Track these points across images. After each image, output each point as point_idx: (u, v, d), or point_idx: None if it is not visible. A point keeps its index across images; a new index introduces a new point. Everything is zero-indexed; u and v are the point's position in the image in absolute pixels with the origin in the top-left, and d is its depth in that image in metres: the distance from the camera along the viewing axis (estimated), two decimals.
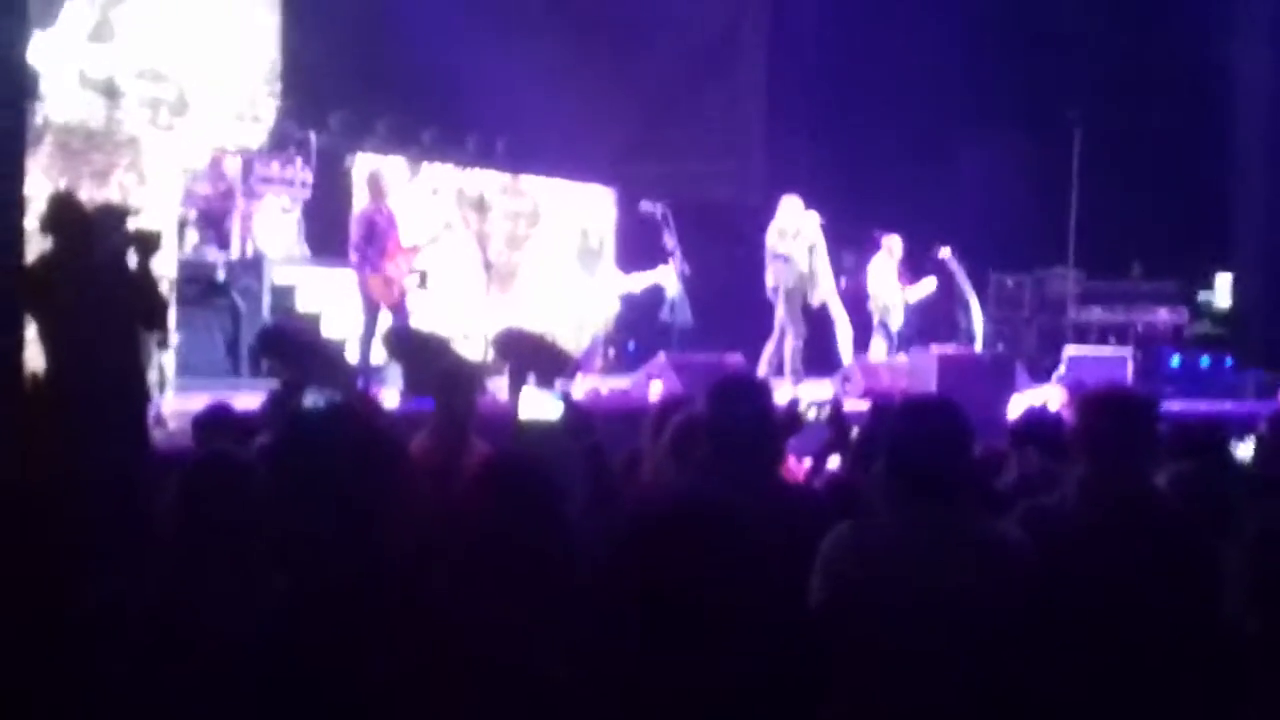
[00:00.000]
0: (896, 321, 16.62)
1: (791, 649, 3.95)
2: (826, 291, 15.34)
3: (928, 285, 16.68)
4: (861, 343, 16.47)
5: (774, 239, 14.92)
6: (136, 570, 4.16)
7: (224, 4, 17.03)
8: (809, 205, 15.16)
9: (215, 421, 6.99)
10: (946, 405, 4.44)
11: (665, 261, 14.83)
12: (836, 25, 22.43)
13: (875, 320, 16.62)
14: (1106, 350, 17.97)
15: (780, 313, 14.92)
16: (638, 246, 14.64)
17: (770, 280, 14.94)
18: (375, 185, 13.47)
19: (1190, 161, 20.66)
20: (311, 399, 5.49)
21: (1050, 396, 12.12)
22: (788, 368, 14.87)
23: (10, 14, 5.67)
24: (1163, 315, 20.05)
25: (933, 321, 17.16)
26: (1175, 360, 18.65)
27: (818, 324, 15.48)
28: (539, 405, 5.30)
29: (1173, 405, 14.19)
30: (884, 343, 16.34)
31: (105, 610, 3.98)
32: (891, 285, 16.61)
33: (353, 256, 13.11)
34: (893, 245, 16.66)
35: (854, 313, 16.56)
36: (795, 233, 14.94)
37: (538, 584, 3.51)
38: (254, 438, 6.32)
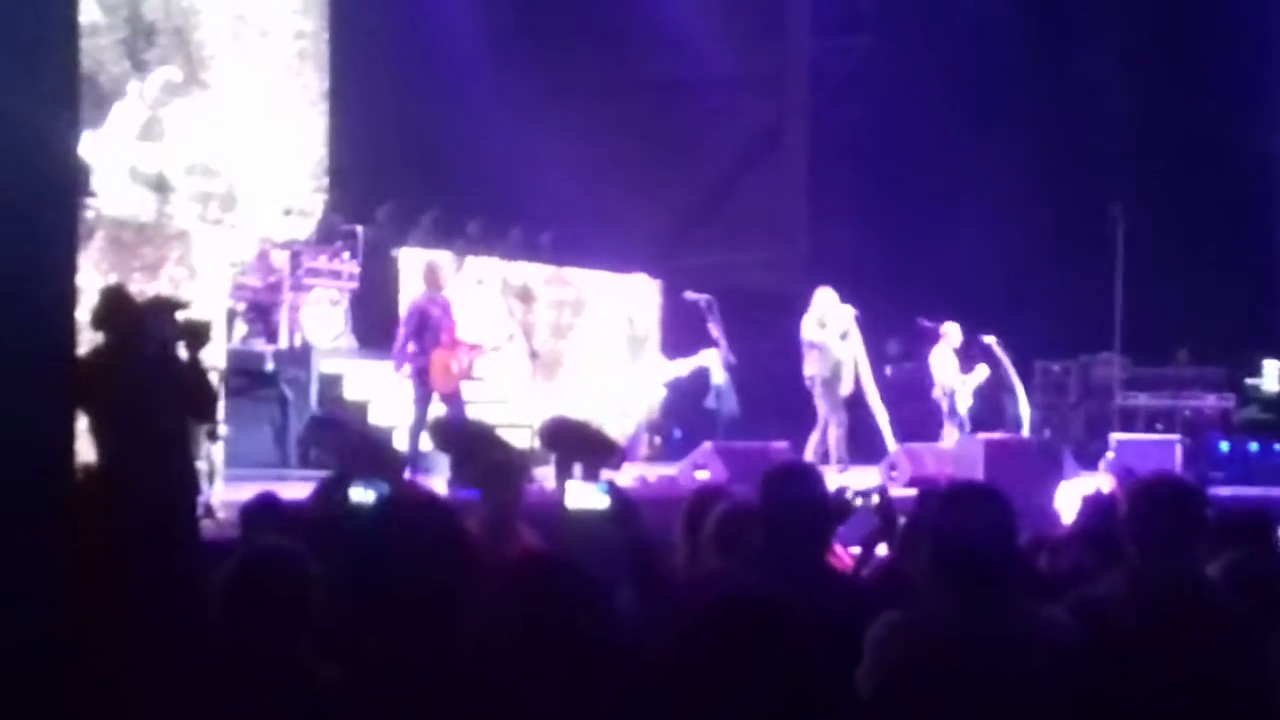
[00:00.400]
0: (964, 406, 16.60)
1: None
2: (864, 380, 15.38)
3: (981, 373, 16.67)
4: (931, 432, 16.48)
5: (809, 329, 15.03)
6: (188, 662, 4.17)
7: (271, 101, 17.27)
8: (852, 294, 15.27)
9: (263, 512, 7.00)
10: (990, 492, 4.43)
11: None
12: (877, 117, 22.58)
13: (944, 408, 16.61)
14: (1154, 437, 17.88)
15: (820, 402, 14.97)
16: (683, 336, 14.70)
17: (808, 370, 15.04)
18: (432, 276, 13.57)
19: (1235, 247, 20.63)
20: (360, 489, 5.50)
21: (1100, 484, 12.08)
22: (833, 456, 14.87)
23: (62, 111, 5.76)
24: (1210, 401, 19.97)
25: (979, 409, 17.12)
26: (1224, 446, 18.53)
27: (864, 412, 15.48)
28: (585, 495, 5.30)
29: (1222, 491, 14.11)
30: (955, 429, 16.30)
31: (158, 702, 4.00)
32: (954, 371, 16.62)
33: (407, 346, 13.18)
34: (951, 332, 16.66)
35: (915, 401, 16.56)
36: (827, 323, 15.03)
37: (582, 676, 3.51)
38: (302, 527, 6.34)
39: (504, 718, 3.40)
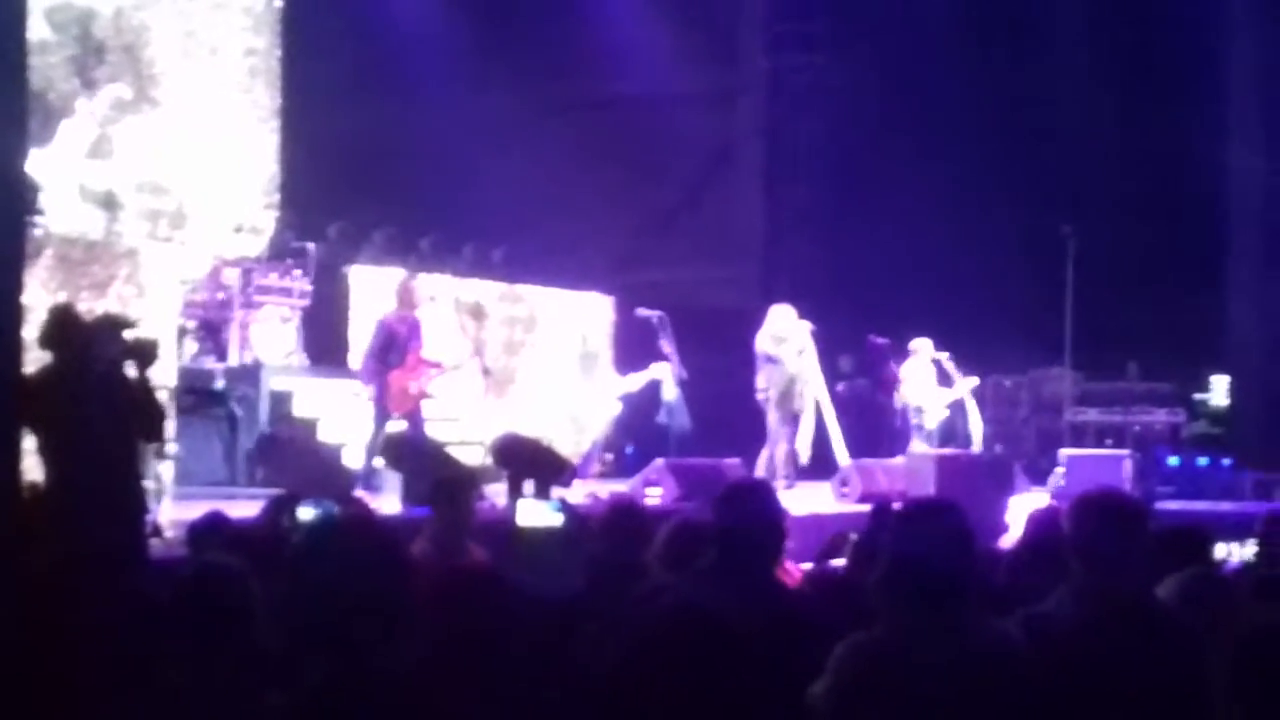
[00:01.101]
0: (932, 422, 16.67)
1: None
2: (818, 395, 15.41)
3: (960, 389, 16.76)
4: (882, 448, 16.56)
5: (764, 343, 15.05)
6: (135, 681, 4.16)
7: (222, 118, 17.20)
8: (805, 310, 15.28)
9: (211, 531, 6.98)
10: (948, 509, 4.42)
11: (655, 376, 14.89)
12: (832, 134, 22.65)
13: (913, 422, 16.70)
14: (1104, 451, 17.97)
15: (772, 418, 14.98)
16: (635, 353, 14.71)
17: (760, 386, 15.04)
18: (406, 294, 13.49)
19: (1185, 263, 20.77)
20: (308, 507, 5.50)
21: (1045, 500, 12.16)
22: (779, 472, 14.89)
23: (10, 128, 5.74)
24: (1160, 416, 20.10)
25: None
26: (1173, 461, 18.65)
27: (818, 430, 15.51)
28: (537, 513, 5.31)
29: (1170, 506, 14.20)
30: (924, 444, 16.36)
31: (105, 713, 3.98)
32: (926, 387, 16.67)
33: (366, 363, 13.16)
34: (922, 348, 16.73)
35: (866, 417, 16.62)
36: (783, 338, 15.06)
37: (522, 691, 3.52)
38: (250, 546, 6.32)
39: None
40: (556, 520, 5.37)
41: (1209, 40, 20.52)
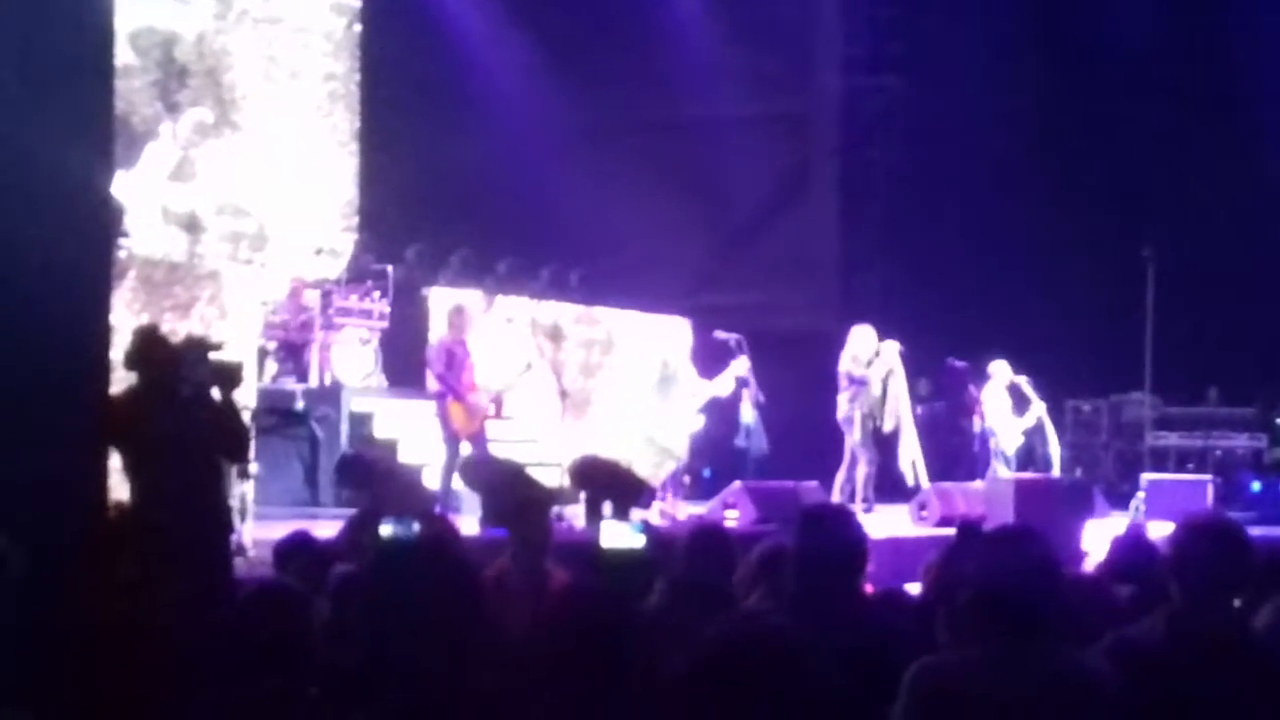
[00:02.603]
0: (1010, 445, 16.57)
1: None
2: (904, 419, 15.32)
3: (1033, 415, 16.65)
4: (960, 472, 16.49)
5: (848, 364, 14.96)
6: (221, 696, 4.19)
7: (302, 142, 17.39)
8: (882, 333, 15.22)
9: (296, 550, 7.04)
10: (1032, 536, 4.36)
11: (740, 392, 14.86)
12: (907, 157, 22.59)
13: (991, 446, 16.60)
14: (1186, 476, 17.81)
15: (852, 439, 14.91)
16: (712, 375, 14.69)
17: (843, 407, 14.95)
18: (458, 319, 13.58)
19: (1266, 285, 20.56)
20: (390, 526, 5.52)
21: (1131, 523, 12.03)
22: (859, 495, 14.82)
23: (97, 152, 5.82)
24: (1241, 440, 19.90)
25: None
26: (1256, 486, 18.46)
27: (892, 452, 15.46)
28: (620, 534, 5.31)
29: (1254, 531, 14.03)
30: (1003, 468, 16.26)
31: None
32: (1004, 411, 16.58)
33: (435, 385, 13.25)
34: (999, 371, 16.62)
35: (945, 440, 16.55)
36: (870, 359, 14.98)
37: (616, 707, 3.51)
38: (333, 565, 6.36)
39: None
40: (639, 542, 5.37)
41: None
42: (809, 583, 4.85)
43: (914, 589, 6.63)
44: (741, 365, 14.40)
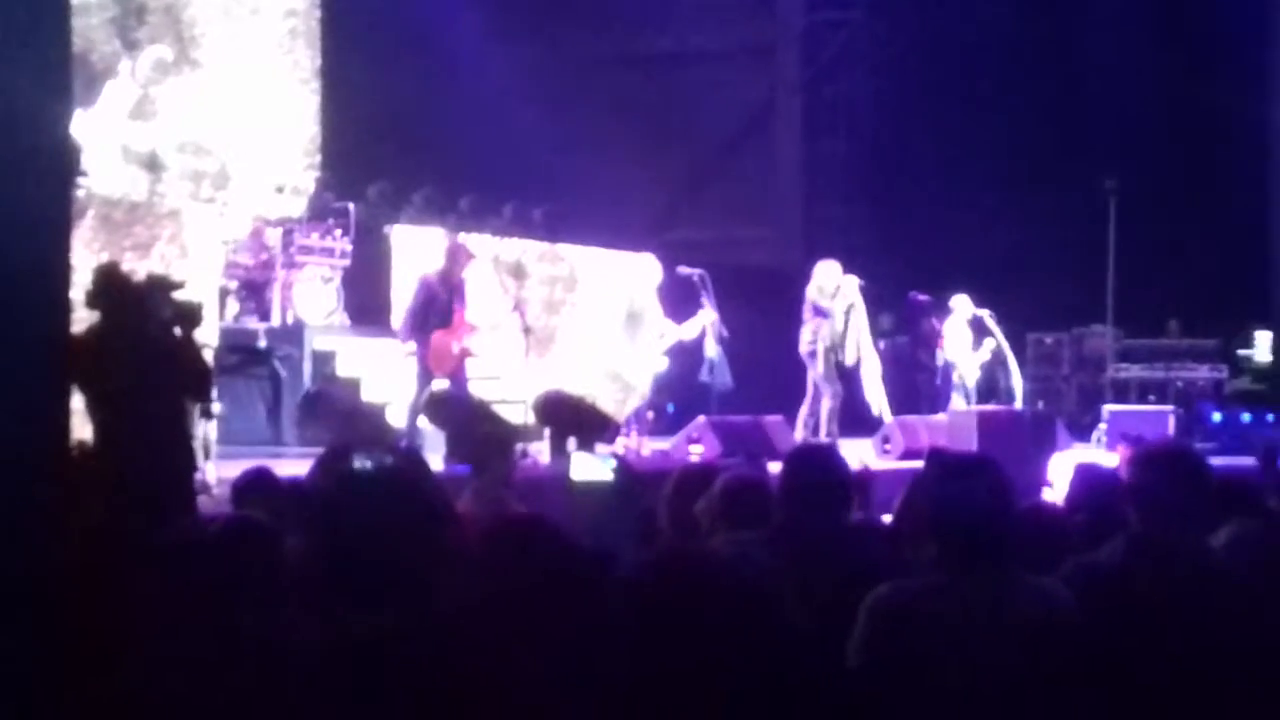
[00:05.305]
0: (972, 379, 16.63)
1: (827, 712, 3.95)
2: (865, 352, 15.33)
3: (988, 348, 16.70)
4: (923, 405, 16.54)
5: (814, 295, 14.94)
6: (181, 635, 4.21)
7: (263, 79, 17.26)
8: (845, 268, 15.21)
9: (255, 487, 7.02)
10: (985, 463, 4.43)
11: (704, 328, 14.86)
12: (870, 91, 22.57)
13: (954, 379, 16.66)
14: (1147, 408, 17.92)
15: (815, 373, 14.90)
16: (676, 311, 14.67)
17: (805, 339, 14.93)
18: (455, 255, 13.30)
19: (1228, 219, 20.65)
20: (359, 462, 5.51)
21: (1099, 455, 12.10)
22: (823, 429, 14.84)
23: (55, 90, 5.77)
24: (1202, 372, 20.02)
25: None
26: (1216, 416, 18.58)
27: (855, 385, 15.48)
28: (590, 468, 5.33)
29: (1215, 461, 14.14)
30: (963, 401, 16.32)
31: (153, 671, 4.03)
32: (965, 344, 16.62)
33: (406, 321, 13.07)
34: (960, 305, 16.64)
35: (907, 374, 16.59)
36: (834, 293, 14.97)
37: (567, 634, 3.56)
38: (296, 501, 6.35)
39: (482, 678, 3.45)
40: (610, 475, 5.39)
41: None
42: (793, 516, 4.96)
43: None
44: (709, 315, 14.38)
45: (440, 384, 12.88)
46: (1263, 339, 21.40)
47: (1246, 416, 18.67)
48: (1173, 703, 4.26)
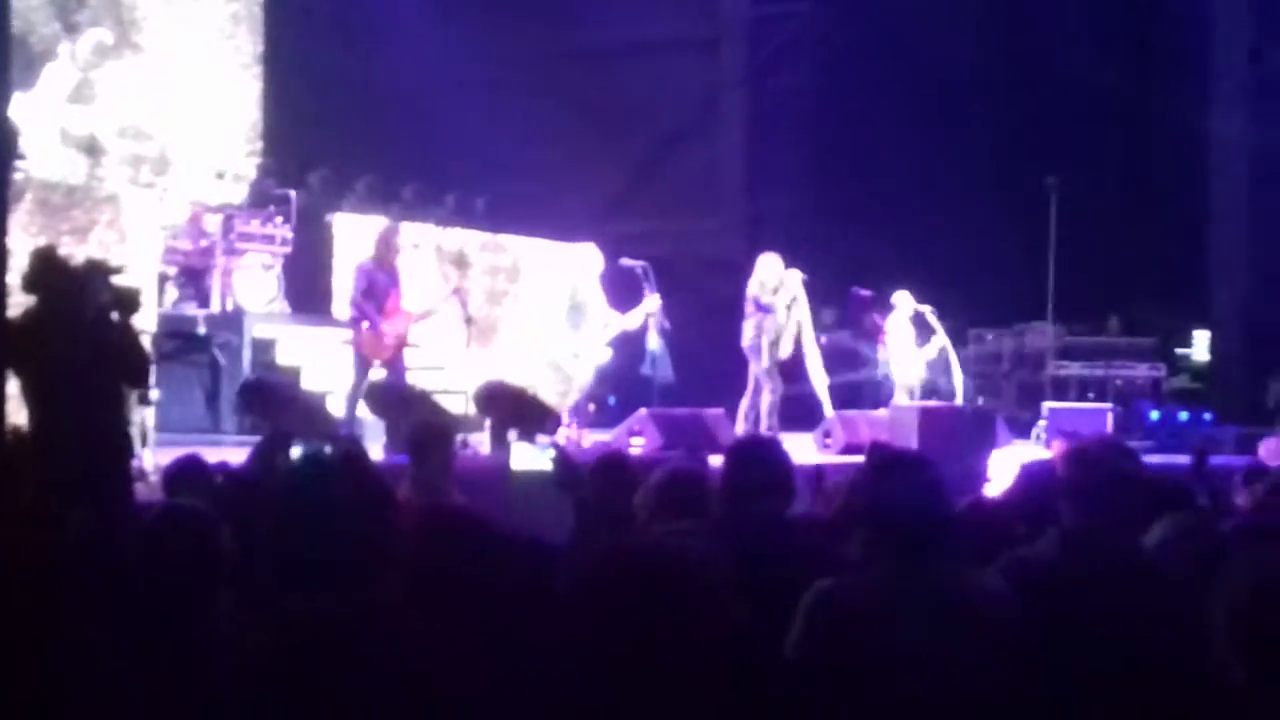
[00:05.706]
0: (913, 376, 16.62)
1: (765, 706, 3.95)
2: (807, 346, 15.36)
3: (934, 346, 16.72)
4: (865, 401, 16.58)
5: (756, 289, 14.95)
6: (116, 620, 4.17)
7: (204, 64, 17.13)
8: (788, 262, 15.22)
9: (186, 474, 6.98)
10: (920, 460, 4.51)
11: (646, 320, 14.83)
12: (815, 84, 22.59)
13: (895, 376, 16.68)
14: (1086, 405, 18.02)
15: (757, 367, 14.92)
16: (619, 303, 14.66)
17: (748, 334, 14.94)
18: (386, 242, 13.26)
19: (1168, 219, 20.80)
20: (298, 450, 5.50)
21: (1040, 451, 12.15)
22: (763, 422, 14.86)
23: None
24: (1141, 370, 20.16)
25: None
26: (1154, 415, 18.72)
27: (799, 380, 15.51)
28: (531, 457, 5.33)
29: (1152, 459, 14.24)
30: (905, 397, 16.34)
31: (86, 658, 3.99)
32: (907, 340, 16.63)
33: (349, 310, 13.05)
34: (902, 301, 16.64)
35: (849, 369, 16.66)
36: (776, 287, 14.98)
37: (499, 629, 3.56)
38: (233, 489, 6.31)
39: (422, 670, 3.44)
40: (550, 465, 5.37)
41: None
42: (734, 509, 4.98)
43: None
44: (653, 303, 14.37)
45: (378, 373, 12.83)
46: (1201, 338, 21.60)
47: (1184, 415, 18.83)
48: (1103, 696, 4.28)
